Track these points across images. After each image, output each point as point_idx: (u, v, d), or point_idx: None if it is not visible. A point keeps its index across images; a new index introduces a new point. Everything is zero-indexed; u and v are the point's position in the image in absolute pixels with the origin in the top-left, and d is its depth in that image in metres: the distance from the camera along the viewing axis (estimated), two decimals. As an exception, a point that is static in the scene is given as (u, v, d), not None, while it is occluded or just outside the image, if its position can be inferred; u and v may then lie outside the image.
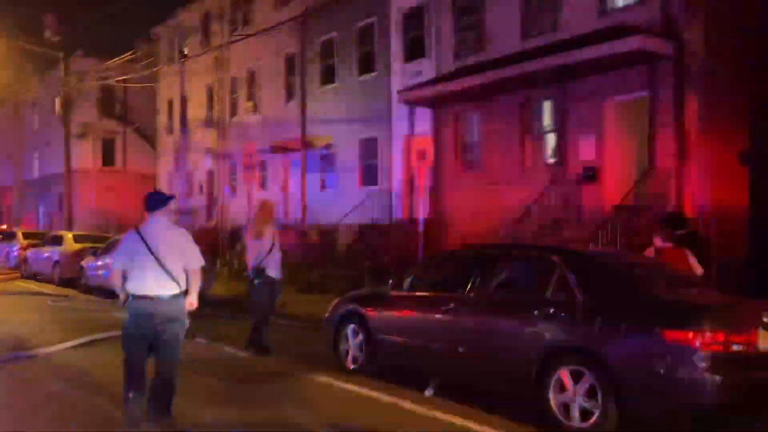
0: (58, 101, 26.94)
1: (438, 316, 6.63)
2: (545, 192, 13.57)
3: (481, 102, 15.52)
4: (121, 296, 5.25)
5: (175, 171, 30.80)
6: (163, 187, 32.07)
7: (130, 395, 5.13)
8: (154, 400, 5.19)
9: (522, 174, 14.61)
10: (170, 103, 31.39)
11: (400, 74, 18.11)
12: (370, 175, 19.36)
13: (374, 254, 15.48)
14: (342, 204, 19.02)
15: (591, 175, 13.25)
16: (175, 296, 5.17)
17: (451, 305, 6.53)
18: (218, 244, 24.34)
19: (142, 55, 29.48)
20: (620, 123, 13.21)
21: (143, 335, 5.13)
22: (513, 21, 14.91)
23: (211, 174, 28.09)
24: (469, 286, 6.48)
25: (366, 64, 19.56)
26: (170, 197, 5.55)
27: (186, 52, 29.53)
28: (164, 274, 5.11)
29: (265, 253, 8.76)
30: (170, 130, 31.37)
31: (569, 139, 13.73)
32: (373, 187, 18.85)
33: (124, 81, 29.42)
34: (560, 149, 13.98)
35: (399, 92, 16.83)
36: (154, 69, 29.50)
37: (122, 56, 26.37)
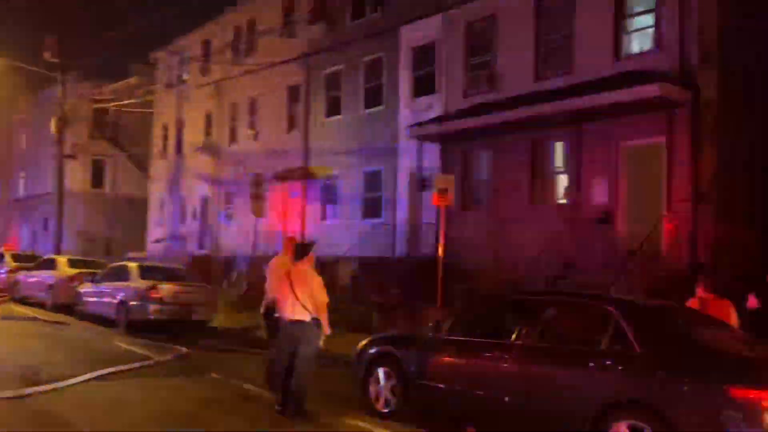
0: (53, 122, 26.59)
1: (482, 363, 6.51)
2: (556, 234, 13.57)
3: (490, 140, 15.59)
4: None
5: (167, 196, 30.47)
6: (155, 212, 31.76)
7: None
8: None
9: (531, 214, 14.63)
10: (165, 128, 31.21)
11: (409, 109, 18.19)
12: (372, 208, 19.29)
13: (381, 289, 15.30)
14: (343, 236, 18.89)
15: (604, 218, 13.30)
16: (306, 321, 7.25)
17: (497, 352, 6.41)
18: (212, 273, 24.03)
19: (139, 79, 29.42)
20: (634, 167, 13.31)
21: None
22: (526, 62, 15.08)
23: (205, 200, 27.83)
24: (516, 334, 6.38)
25: (373, 98, 19.62)
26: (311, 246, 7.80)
27: (185, 78, 29.47)
28: (299, 305, 7.20)
29: None
30: (164, 155, 31.14)
31: (582, 180, 13.80)
32: (375, 220, 18.77)
33: (119, 104, 29.32)
34: (572, 191, 14.04)
35: (408, 127, 16.87)
36: (147, 94, 29.42)
37: (122, 80, 26.25)
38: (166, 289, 14.19)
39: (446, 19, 16.98)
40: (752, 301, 6.95)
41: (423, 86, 17.97)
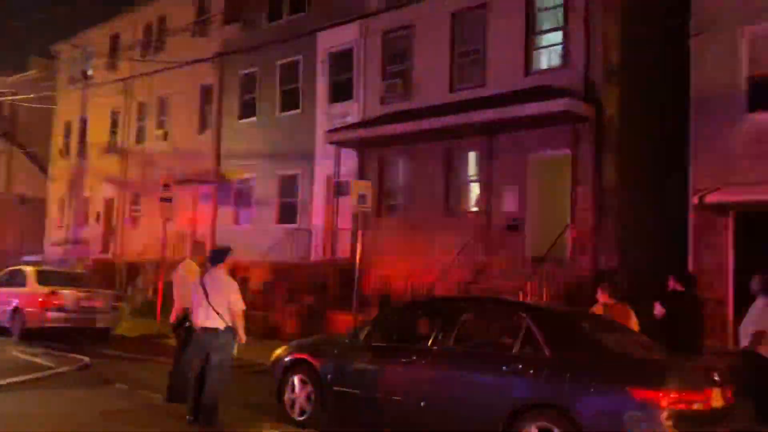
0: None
1: (399, 368, 6.58)
2: (469, 240, 13.91)
3: (407, 148, 15.82)
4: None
5: (69, 197, 28.94)
6: (55, 213, 30.09)
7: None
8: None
9: (446, 220, 14.94)
10: (68, 125, 29.65)
11: (326, 114, 18.14)
12: (288, 212, 19.07)
13: (296, 295, 15.16)
14: (257, 240, 18.55)
15: (514, 225, 13.77)
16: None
17: (413, 357, 6.51)
18: (116, 278, 23.03)
19: (39, 72, 27.86)
20: (542, 177, 13.87)
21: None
22: (442, 72, 15.39)
23: (110, 202, 26.63)
24: (432, 339, 6.49)
25: (289, 101, 19.42)
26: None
27: (90, 73, 28.13)
28: (213, 312, 6.99)
29: None
30: (66, 154, 29.56)
31: (494, 189, 14.23)
32: (291, 225, 18.56)
33: (15, 98, 27.60)
34: (484, 199, 14.45)
35: (326, 133, 16.83)
36: (48, 89, 27.87)
37: (20, 73, 24.72)
38: (66, 295, 13.55)
39: (364, 27, 17.08)
40: (658, 309, 7.41)
41: (340, 92, 17.98)
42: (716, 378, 5.66)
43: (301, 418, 7.28)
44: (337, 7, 17.42)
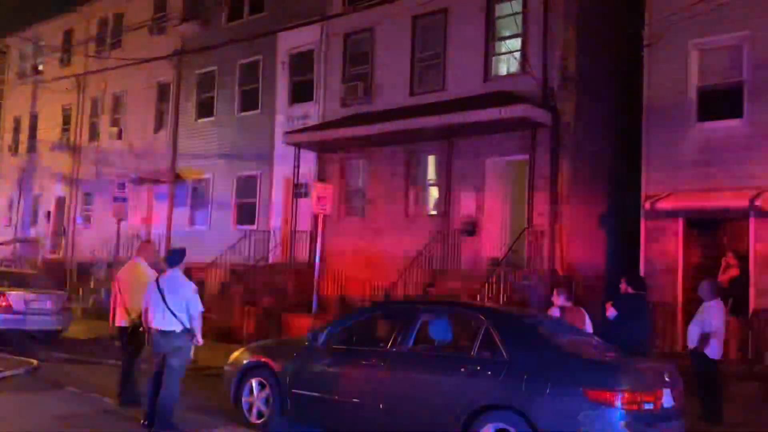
0: None
1: (358, 370, 6.58)
2: (428, 243, 14.00)
3: (367, 151, 15.84)
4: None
5: (17, 195, 28.06)
6: (2, 212, 29.15)
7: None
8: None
9: (405, 223, 15.01)
10: (17, 121, 28.77)
11: (285, 115, 18.02)
12: (246, 214, 18.87)
13: (253, 297, 15.01)
14: (214, 242, 18.31)
15: (471, 229, 13.92)
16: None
17: (372, 360, 6.52)
18: (67, 278, 22.43)
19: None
20: (500, 181, 14.07)
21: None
22: (402, 76, 15.46)
23: (61, 201, 25.92)
24: (391, 342, 6.52)
25: (248, 101, 19.23)
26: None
27: (41, 68, 27.34)
28: (170, 314, 6.85)
29: None
30: (15, 150, 28.67)
31: (452, 192, 14.36)
32: (249, 226, 18.37)
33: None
34: (443, 202, 14.58)
35: (286, 133, 16.72)
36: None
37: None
38: (14, 296, 13.11)
39: (325, 28, 17.03)
40: (610, 311, 7.60)
41: (301, 93, 17.88)
42: (667, 378, 5.84)
43: (258, 421, 7.22)
44: (298, 8, 17.34)
